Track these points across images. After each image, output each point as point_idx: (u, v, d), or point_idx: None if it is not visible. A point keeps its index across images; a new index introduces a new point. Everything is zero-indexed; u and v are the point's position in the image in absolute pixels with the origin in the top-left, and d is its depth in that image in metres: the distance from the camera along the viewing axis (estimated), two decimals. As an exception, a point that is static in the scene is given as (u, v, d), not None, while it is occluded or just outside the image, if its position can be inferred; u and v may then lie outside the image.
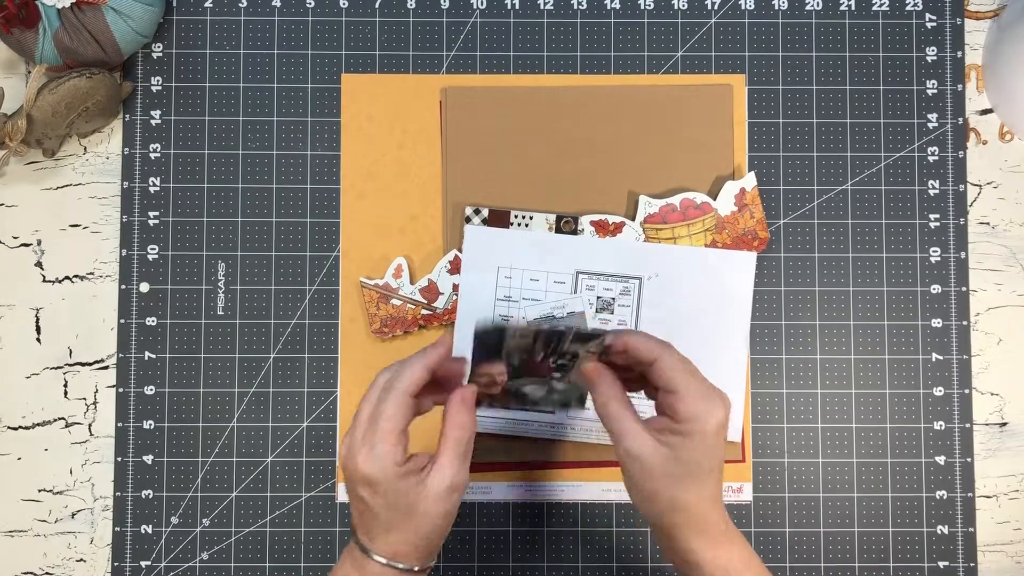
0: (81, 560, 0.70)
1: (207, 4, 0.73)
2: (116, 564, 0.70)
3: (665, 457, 0.53)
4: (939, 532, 0.70)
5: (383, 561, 0.54)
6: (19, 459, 0.71)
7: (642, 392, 0.58)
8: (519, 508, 0.70)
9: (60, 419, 0.71)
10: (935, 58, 0.73)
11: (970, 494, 0.71)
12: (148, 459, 0.70)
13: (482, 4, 0.73)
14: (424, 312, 0.70)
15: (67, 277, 0.72)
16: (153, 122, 0.72)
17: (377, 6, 0.73)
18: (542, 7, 0.73)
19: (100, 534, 0.71)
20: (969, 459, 0.71)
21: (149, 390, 0.71)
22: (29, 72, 0.73)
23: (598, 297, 0.70)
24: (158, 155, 0.72)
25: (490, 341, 0.56)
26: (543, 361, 0.58)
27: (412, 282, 0.70)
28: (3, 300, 0.72)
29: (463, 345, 0.69)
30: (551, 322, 0.69)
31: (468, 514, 0.70)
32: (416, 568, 0.55)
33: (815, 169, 0.72)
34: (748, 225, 0.70)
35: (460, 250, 0.70)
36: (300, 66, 0.73)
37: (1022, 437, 0.72)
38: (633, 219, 0.70)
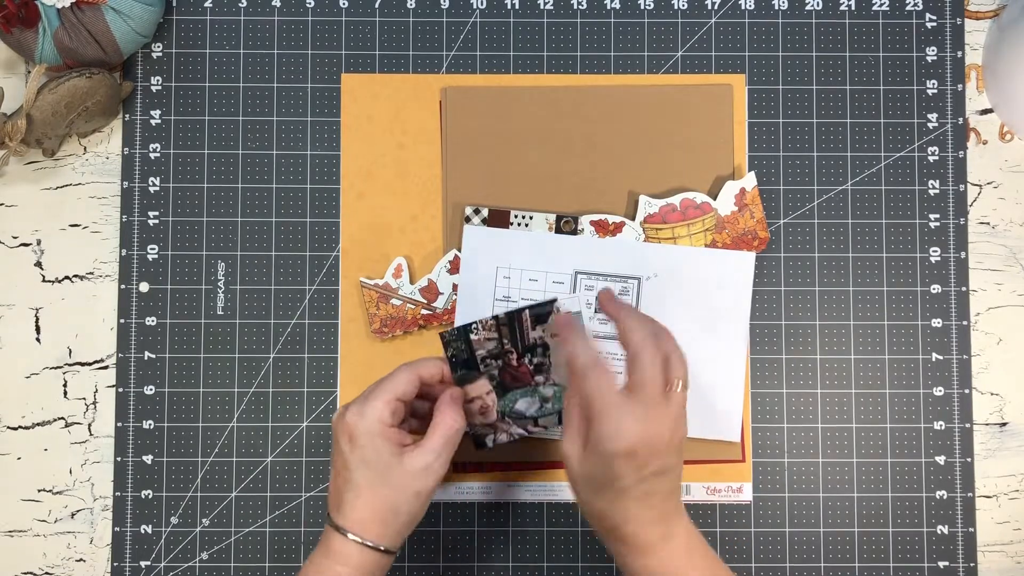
0: (81, 560, 0.70)
1: (207, 4, 0.73)
2: (116, 564, 0.70)
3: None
4: (939, 532, 0.70)
5: (349, 535, 0.55)
6: (19, 459, 0.71)
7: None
8: (519, 508, 0.70)
9: (60, 419, 0.71)
10: (935, 58, 0.73)
11: (970, 494, 0.71)
12: (148, 459, 0.70)
13: (482, 4, 0.73)
14: (424, 312, 0.70)
15: (67, 277, 0.72)
16: (153, 122, 0.72)
17: (377, 6, 0.73)
18: (542, 7, 0.73)
19: (100, 534, 0.70)
20: (969, 459, 0.71)
21: (149, 390, 0.71)
22: (29, 72, 0.73)
23: (597, 297, 0.70)
24: (158, 155, 0.72)
25: (460, 348, 0.61)
26: (520, 364, 0.61)
27: (412, 282, 0.70)
28: (3, 300, 0.72)
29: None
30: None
31: (468, 514, 0.70)
32: (381, 547, 0.56)
33: (815, 169, 0.72)
34: (748, 225, 0.70)
35: (460, 250, 0.70)
36: (300, 66, 0.73)
37: (1022, 437, 0.72)
38: (633, 219, 0.70)
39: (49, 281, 0.72)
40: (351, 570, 0.56)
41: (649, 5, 0.73)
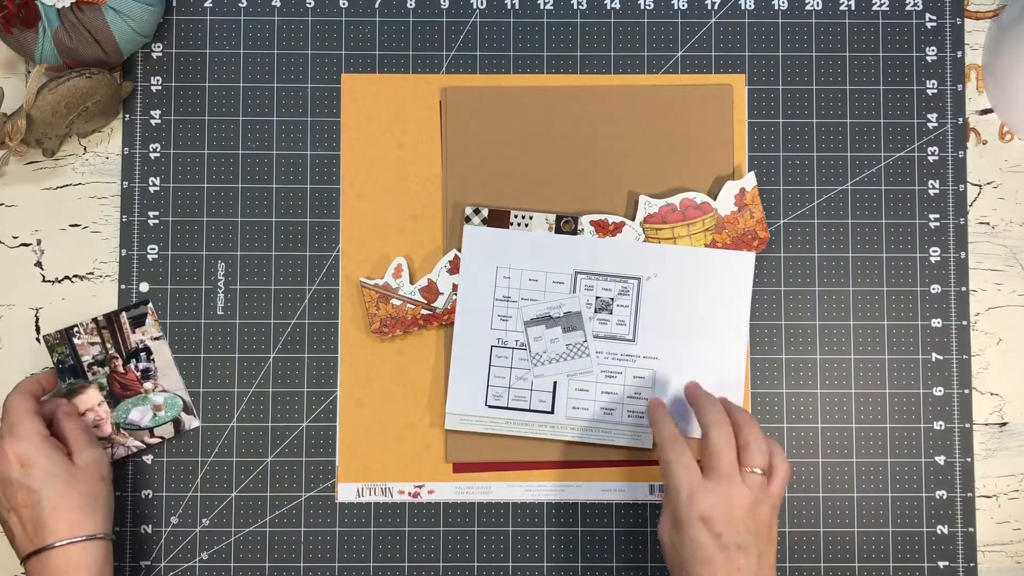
0: (81, 560, 0.70)
1: (207, 4, 0.73)
2: (116, 564, 0.70)
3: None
4: (939, 532, 0.70)
5: (61, 544, 0.58)
6: (19, 459, 0.71)
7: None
8: (519, 508, 0.70)
9: (60, 419, 0.71)
10: (935, 58, 0.73)
11: (970, 494, 0.71)
12: (148, 459, 0.70)
13: (482, 4, 0.73)
14: (424, 312, 0.70)
15: (67, 277, 0.72)
16: (153, 122, 0.72)
17: (377, 6, 0.73)
18: (542, 7, 0.73)
19: (100, 534, 0.70)
20: (969, 459, 0.71)
21: (149, 390, 0.71)
22: (29, 72, 0.73)
23: (597, 297, 0.70)
24: (158, 155, 0.72)
25: (65, 352, 0.65)
26: (127, 371, 0.67)
27: (412, 282, 0.70)
28: (3, 300, 0.72)
29: (461, 349, 0.69)
30: (546, 322, 0.69)
31: (468, 514, 0.70)
32: (100, 535, 0.60)
33: (815, 169, 0.72)
34: (748, 225, 0.70)
35: (460, 250, 0.70)
36: (300, 66, 0.73)
37: (1022, 437, 0.72)
38: (633, 219, 0.70)
39: (49, 281, 0.72)
40: (83, 572, 0.58)
41: (649, 5, 0.73)
